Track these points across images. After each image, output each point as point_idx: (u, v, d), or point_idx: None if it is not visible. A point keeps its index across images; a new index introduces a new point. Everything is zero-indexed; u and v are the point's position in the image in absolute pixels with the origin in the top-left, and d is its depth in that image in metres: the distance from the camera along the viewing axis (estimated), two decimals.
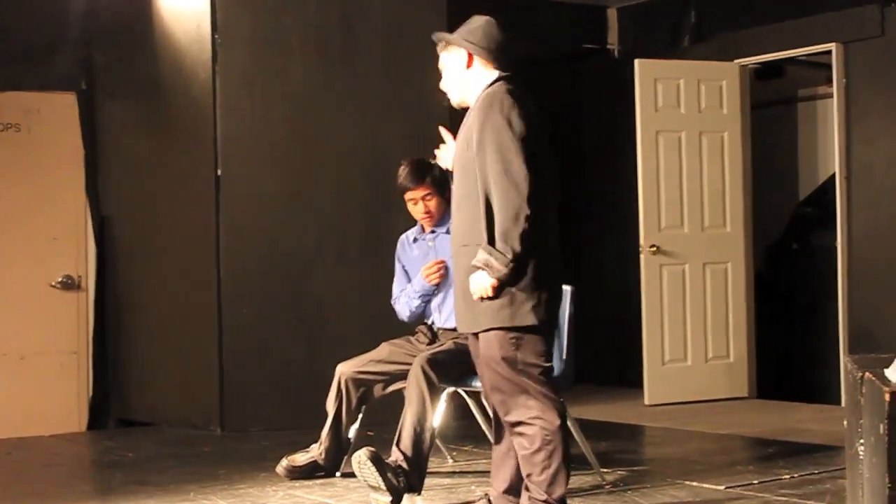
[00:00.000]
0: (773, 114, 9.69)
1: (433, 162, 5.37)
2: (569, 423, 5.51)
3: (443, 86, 4.63)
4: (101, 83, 8.39)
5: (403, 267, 5.92)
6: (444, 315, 5.73)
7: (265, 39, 7.63)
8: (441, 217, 5.74)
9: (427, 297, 5.76)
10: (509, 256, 4.22)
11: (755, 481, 5.52)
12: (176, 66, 7.79)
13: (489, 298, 4.30)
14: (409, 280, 5.86)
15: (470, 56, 4.49)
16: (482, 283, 4.28)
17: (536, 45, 9.47)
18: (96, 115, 8.39)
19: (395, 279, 5.95)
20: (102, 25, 8.23)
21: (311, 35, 7.77)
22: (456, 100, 4.61)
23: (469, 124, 4.44)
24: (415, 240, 5.89)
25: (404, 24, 8.04)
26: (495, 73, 4.48)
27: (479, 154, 4.32)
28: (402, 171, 5.73)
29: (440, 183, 5.64)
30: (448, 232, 5.50)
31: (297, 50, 7.73)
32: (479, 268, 4.27)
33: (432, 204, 5.72)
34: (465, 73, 4.51)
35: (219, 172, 7.43)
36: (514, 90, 4.39)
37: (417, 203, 5.74)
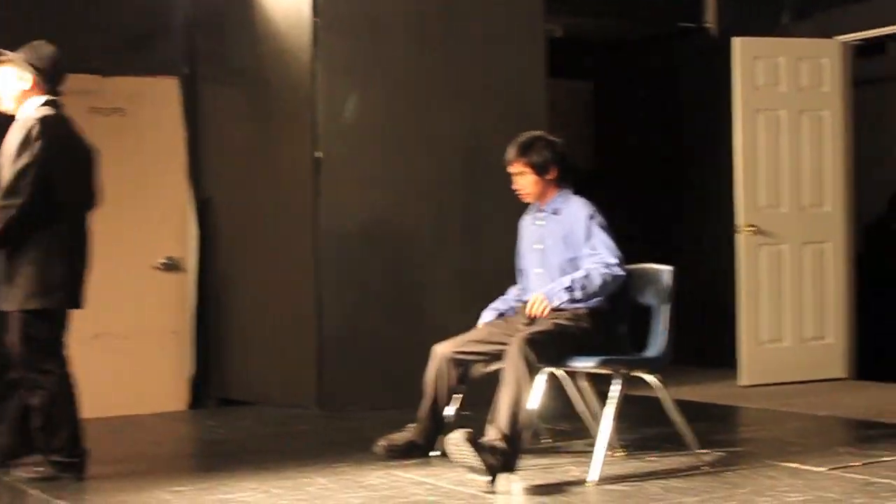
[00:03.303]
0: (875, 92, 9.53)
1: (553, 140, 5.69)
2: (666, 402, 5.54)
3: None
4: (203, 67, 8.42)
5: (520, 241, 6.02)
6: None
7: (365, 23, 7.66)
8: (541, 197, 5.80)
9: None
10: None
11: (857, 463, 5.43)
12: (276, 50, 7.84)
13: None
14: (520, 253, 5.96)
15: (34, 80, 5.38)
16: None
17: (631, 25, 9.41)
18: (198, 99, 8.41)
19: (517, 252, 6.04)
20: (205, 10, 8.31)
21: (411, 19, 7.81)
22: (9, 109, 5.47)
23: (9, 139, 5.32)
24: (533, 214, 5.96)
25: (502, 9, 8.08)
26: (43, 98, 5.40)
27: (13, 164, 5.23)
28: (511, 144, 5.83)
29: (538, 164, 5.71)
30: (555, 213, 5.71)
31: (397, 34, 7.76)
32: None
33: (524, 181, 5.76)
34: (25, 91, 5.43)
35: (318, 155, 7.49)
36: (53, 117, 5.31)
37: (514, 177, 5.81)
